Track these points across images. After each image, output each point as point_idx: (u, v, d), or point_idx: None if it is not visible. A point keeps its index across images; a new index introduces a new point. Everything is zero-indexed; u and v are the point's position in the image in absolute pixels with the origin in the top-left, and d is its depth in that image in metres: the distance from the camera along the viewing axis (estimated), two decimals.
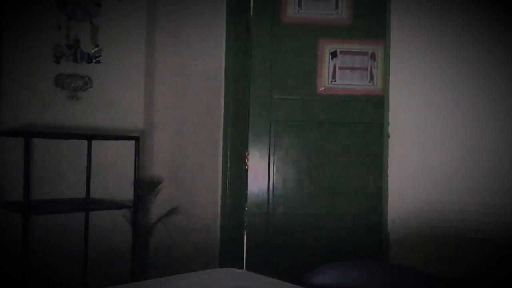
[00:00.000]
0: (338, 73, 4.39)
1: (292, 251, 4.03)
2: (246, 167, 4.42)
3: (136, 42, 4.99)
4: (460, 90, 2.95)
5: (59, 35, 4.64)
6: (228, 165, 4.42)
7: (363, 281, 2.17)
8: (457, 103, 2.96)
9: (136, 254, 4.32)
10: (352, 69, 4.38)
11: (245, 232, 4.38)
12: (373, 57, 4.33)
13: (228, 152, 4.43)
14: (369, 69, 4.33)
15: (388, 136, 3.27)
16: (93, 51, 4.77)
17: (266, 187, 4.30)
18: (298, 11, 4.40)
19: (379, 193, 3.35)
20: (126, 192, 4.43)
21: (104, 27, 4.81)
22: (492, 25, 2.85)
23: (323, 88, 4.34)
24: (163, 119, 4.95)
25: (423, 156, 3.11)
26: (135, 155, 4.28)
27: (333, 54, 4.40)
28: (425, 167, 3.10)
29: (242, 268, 4.01)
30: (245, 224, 4.39)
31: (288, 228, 4.12)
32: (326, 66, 4.41)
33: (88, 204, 4.49)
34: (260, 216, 4.29)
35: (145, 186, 4.75)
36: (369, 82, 4.30)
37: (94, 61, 4.77)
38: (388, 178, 3.28)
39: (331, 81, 4.39)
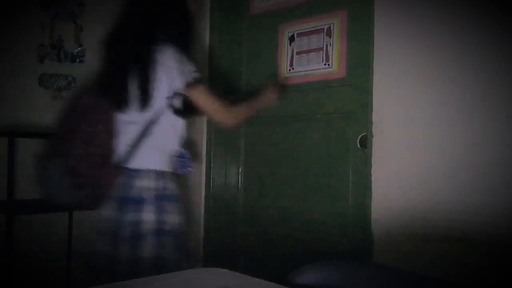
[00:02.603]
0: (296, 59, 3.91)
1: (272, 251, 3.99)
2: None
3: None
4: (447, 89, 2.96)
5: (43, 34, 4.63)
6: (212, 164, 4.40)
7: (346, 281, 2.18)
8: (443, 101, 2.97)
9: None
10: (308, 51, 3.84)
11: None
12: (328, 33, 3.72)
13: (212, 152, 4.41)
14: (324, 48, 3.74)
15: (372, 136, 3.29)
16: (76, 51, 4.76)
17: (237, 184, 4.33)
18: (263, 0, 4.14)
19: (362, 193, 3.37)
20: None
21: (88, 27, 4.80)
22: (481, 22, 2.87)
23: (283, 78, 3.98)
24: None
25: (408, 155, 3.12)
26: None
27: (291, 39, 3.93)
28: (410, 167, 3.11)
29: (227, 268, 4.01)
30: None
31: (263, 227, 4.08)
32: (285, 53, 3.98)
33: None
34: (233, 215, 4.31)
35: None
36: (325, 64, 3.72)
37: (77, 60, 4.76)
38: (372, 178, 3.29)
39: (289, 70, 3.95)
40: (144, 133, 2.83)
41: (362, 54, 3.44)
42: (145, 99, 2.79)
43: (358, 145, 3.46)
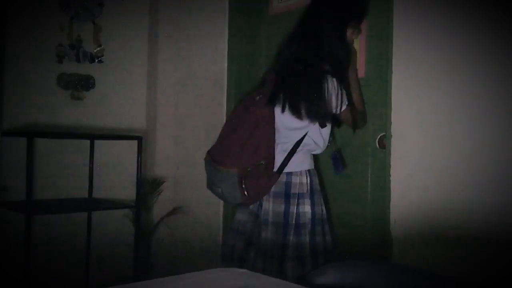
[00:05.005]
0: None
1: None
2: None
3: (139, 42, 5.01)
4: (463, 90, 2.95)
5: (62, 35, 4.65)
6: None
7: (365, 281, 2.17)
8: (460, 102, 2.96)
9: (138, 254, 4.32)
10: None
11: None
12: None
13: None
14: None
15: (391, 136, 3.27)
16: (95, 51, 4.78)
17: None
18: (281, 1, 4.13)
19: (381, 193, 3.35)
20: (128, 192, 4.45)
21: (107, 27, 4.83)
22: (499, 24, 2.85)
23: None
24: (166, 119, 4.95)
25: (427, 155, 3.10)
26: (138, 155, 4.29)
27: None
28: (429, 167, 3.09)
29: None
30: None
31: None
32: None
33: (90, 204, 4.50)
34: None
35: (147, 186, 4.75)
36: None
37: (96, 60, 4.79)
38: (391, 178, 3.28)
39: None
40: (299, 142, 3.20)
41: (381, 54, 3.42)
42: (312, 116, 3.14)
43: (377, 146, 3.44)
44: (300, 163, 3.23)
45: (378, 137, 3.44)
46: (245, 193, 3.12)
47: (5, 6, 4.41)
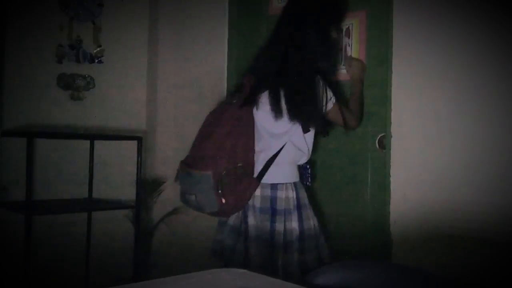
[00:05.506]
0: None
1: None
2: None
3: (139, 42, 5.01)
4: (463, 90, 2.95)
5: (62, 35, 4.65)
6: None
7: (365, 281, 2.17)
8: (460, 103, 2.96)
9: (138, 254, 4.33)
10: None
11: None
12: (347, 33, 3.66)
13: None
14: (343, 49, 3.66)
15: (391, 136, 3.27)
16: (95, 51, 4.78)
17: None
18: (280, 1, 4.02)
19: (381, 193, 3.35)
20: (128, 192, 4.45)
21: (107, 27, 4.83)
22: (499, 23, 2.85)
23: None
24: (166, 119, 4.95)
25: (426, 156, 3.11)
26: (138, 155, 4.29)
27: None
28: (428, 167, 3.09)
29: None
30: None
31: None
32: None
33: (90, 204, 4.50)
34: None
35: (147, 186, 4.75)
36: (343, 64, 3.62)
37: (96, 61, 4.79)
38: (390, 178, 3.28)
39: None
40: (279, 151, 3.09)
41: (380, 54, 3.43)
42: (294, 114, 3.03)
43: (377, 146, 3.44)
44: (285, 175, 3.11)
45: (378, 137, 3.44)
46: (222, 200, 2.95)
47: (5, 6, 4.41)
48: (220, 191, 2.93)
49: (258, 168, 3.08)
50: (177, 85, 4.88)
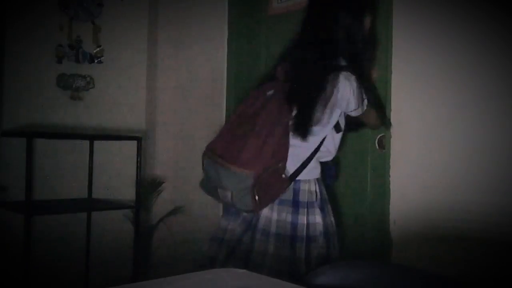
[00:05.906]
0: None
1: None
2: None
3: (138, 42, 5.01)
4: (462, 90, 2.95)
5: (61, 35, 4.65)
6: None
7: (365, 281, 2.17)
8: (459, 102, 2.96)
9: (138, 254, 4.32)
10: None
11: None
12: None
13: None
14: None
15: (390, 136, 3.27)
16: (95, 51, 4.78)
17: None
18: (280, 1, 4.06)
19: (381, 194, 3.35)
20: (128, 192, 4.44)
21: (106, 27, 4.83)
22: (498, 24, 2.85)
23: None
24: (166, 119, 4.95)
25: (426, 156, 3.11)
26: (137, 155, 4.29)
27: None
28: (428, 167, 3.09)
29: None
30: None
31: None
32: None
33: (90, 204, 4.50)
34: None
35: (147, 186, 4.75)
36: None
37: (96, 61, 4.78)
38: (390, 179, 3.28)
39: None
40: (313, 154, 2.98)
41: (380, 55, 3.42)
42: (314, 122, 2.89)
43: (377, 146, 3.44)
44: (310, 171, 2.97)
45: (378, 137, 3.44)
46: (256, 200, 2.80)
47: (5, 6, 4.41)
48: (256, 191, 2.79)
49: (289, 165, 2.94)
50: (177, 85, 4.88)
